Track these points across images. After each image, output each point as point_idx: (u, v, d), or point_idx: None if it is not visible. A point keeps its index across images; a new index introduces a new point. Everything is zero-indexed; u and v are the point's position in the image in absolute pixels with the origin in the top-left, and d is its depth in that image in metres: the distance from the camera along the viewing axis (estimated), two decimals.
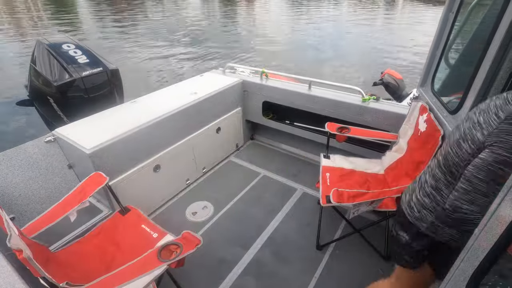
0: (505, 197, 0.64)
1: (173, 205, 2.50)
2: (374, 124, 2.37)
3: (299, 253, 2.06)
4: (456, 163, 0.95)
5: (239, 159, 3.07)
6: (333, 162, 2.20)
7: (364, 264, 1.97)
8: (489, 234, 0.68)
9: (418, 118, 1.78)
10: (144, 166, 2.17)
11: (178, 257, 1.31)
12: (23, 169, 1.95)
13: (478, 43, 1.58)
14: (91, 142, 1.86)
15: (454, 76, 1.92)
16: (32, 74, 3.89)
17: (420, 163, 1.59)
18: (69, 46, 3.78)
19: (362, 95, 2.42)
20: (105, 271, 1.35)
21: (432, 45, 1.79)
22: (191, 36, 11.06)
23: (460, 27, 1.80)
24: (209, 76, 3.03)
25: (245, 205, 2.48)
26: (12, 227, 1.13)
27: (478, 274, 0.73)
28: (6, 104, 5.47)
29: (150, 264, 1.30)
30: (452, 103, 1.65)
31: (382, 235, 2.12)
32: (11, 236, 1.08)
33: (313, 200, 2.52)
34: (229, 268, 1.95)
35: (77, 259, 1.60)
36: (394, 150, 2.06)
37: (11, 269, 0.99)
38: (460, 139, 0.95)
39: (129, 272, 1.28)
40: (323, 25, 13.83)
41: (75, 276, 1.48)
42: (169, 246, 1.38)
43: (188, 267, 1.96)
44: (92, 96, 3.52)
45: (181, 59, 8.44)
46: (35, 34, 10.68)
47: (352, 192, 1.64)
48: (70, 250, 1.64)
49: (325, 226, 2.23)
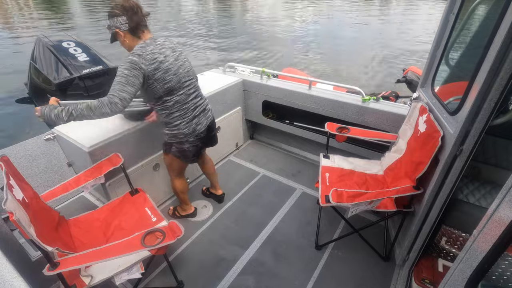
0: (503, 198, 0.64)
1: (173, 204, 2.50)
2: (374, 124, 2.37)
3: (298, 252, 2.06)
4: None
5: (238, 159, 3.07)
6: (333, 162, 2.20)
7: (362, 264, 1.97)
8: (488, 235, 0.68)
9: (418, 119, 1.78)
10: (144, 164, 2.17)
11: (159, 245, 1.35)
12: (22, 166, 1.95)
13: (479, 44, 1.58)
14: (90, 140, 1.85)
15: (454, 77, 1.92)
16: (32, 71, 3.87)
17: (419, 164, 1.59)
18: (69, 43, 3.77)
19: (362, 95, 2.42)
20: (105, 243, 1.42)
21: (432, 46, 1.79)
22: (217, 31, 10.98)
23: (460, 28, 1.80)
24: (209, 75, 3.03)
25: (244, 205, 2.48)
26: (8, 192, 1.18)
27: (477, 275, 0.73)
28: (5, 102, 5.46)
29: (134, 247, 1.34)
30: (452, 104, 1.65)
31: (381, 235, 2.12)
32: (7, 200, 1.11)
33: (313, 200, 2.52)
34: (228, 267, 1.96)
35: (85, 228, 1.72)
36: (393, 150, 2.06)
37: (13, 269, 0.99)
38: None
39: (114, 250, 1.32)
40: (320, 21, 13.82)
41: (78, 243, 1.61)
42: (155, 233, 1.41)
43: (188, 266, 1.97)
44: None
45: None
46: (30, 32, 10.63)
47: (351, 192, 1.64)
48: (81, 220, 1.77)
49: (324, 226, 2.24)
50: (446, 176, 1.41)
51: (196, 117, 1.80)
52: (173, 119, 1.73)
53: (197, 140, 1.86)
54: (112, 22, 1.54)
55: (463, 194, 1.75)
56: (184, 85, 1.71)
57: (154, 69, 1.54)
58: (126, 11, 1.51)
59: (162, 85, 1.60)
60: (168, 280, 1.84)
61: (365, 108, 2.37)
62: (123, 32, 1.56)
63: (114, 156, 1.89)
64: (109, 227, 1.73)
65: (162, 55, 1.58)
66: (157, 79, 1.56)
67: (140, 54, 1.50)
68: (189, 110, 1.76)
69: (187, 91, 1.73)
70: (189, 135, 1.80)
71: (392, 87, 5.84)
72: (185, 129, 1.77)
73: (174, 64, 1.63)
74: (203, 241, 2.16)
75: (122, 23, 1.52)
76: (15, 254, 1.57)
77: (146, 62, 1.50)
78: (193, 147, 1.87)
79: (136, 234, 1.40)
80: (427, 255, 1.77)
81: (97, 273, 1.41)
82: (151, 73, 1.53)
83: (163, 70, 1.57)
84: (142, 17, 1.57)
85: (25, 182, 1.51)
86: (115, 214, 1.82)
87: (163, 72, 1.57)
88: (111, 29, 1.56)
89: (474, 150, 1.26)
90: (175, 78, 1.63)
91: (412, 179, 1.65)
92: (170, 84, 1.62)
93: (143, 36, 1.60)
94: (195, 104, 1.80)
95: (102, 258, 1.28)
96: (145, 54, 1.51)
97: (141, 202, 1.87)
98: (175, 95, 1.68)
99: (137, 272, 1.46)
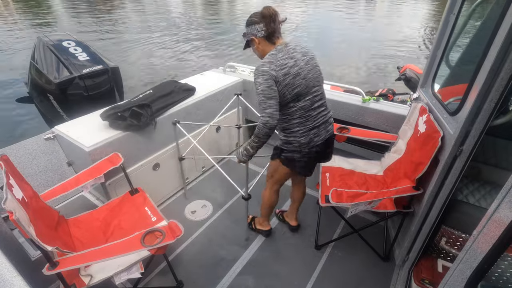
0: (503, 199, 0.64)
1: (172, 203, 2.50)
2: (374, 124, 2.37)
3: (298, 252, 2.06)
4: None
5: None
6: (333, 162, 2.20)
7: (362, 264, 1.97)
8: (488, 236, 0.68)
9: (418, 119, 1.78)
10: (144, 164, 2.17)
11: (158, 245, 1.35)
12: (22, 166, 1.94)
13: (479, 44, 1.57)
14: (90, 139, 1.85)
15: (455, 77, 1.92)
16: (32, 71, 3.87)
17: (419, 164, 1.59)
18: (69, 43, 3.77)
19: (362, 95, 2.42)
20: (105, 243, 1.42)
21: (433, 46, 1.79)
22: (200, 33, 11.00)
23: (460, 28, 1.80)
24: (210, 75, 3.03)
25: (244, 204, 2.48)
26: (8, 191, 1.18)
27: (477, 275, 0.73)
28: (5, 101, 5.46)
29: (133, 246, 1.34)
30: (452, 104, 1.65)
31: (380, 235, 2.12)
32: (7, 199, 1.12)
33: (312, 200, 2.52)
34: (228, 267, 1.96)
35: (85, 228, 1.72)
36: (393, 151, 2.06)
37: (12, 268, 0.99)
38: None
39: (114, 250, 1.32)
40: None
41: (77, 243, 1.60)
42: (155, 233, 1.41)
43: (188, 265, 1.97)
44: (92, 94, 3.51)
45: (185, 58, 8.42)
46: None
47: (351, 193, 1.64)
48: (80, 219, 1.77)
49: (323, 226, 2.24)
50: (446, 176, 1.41)
51: (316, 127, 1.67)
52: (292, 125, 1.64)
53: (311, 153, 1.70)
54: (249, 30, 1.56)
55: (463, 194, 1.75)
56: (312, 90, 1.61)
57: (284, 74, 1.50)
58: (264, 18, 1.51)
59: (292, 90, 1.53)
60: (168, 279, 1.84)
61: (365, 108, 2.37)
62: (258, 38, 1.55)
63: (114, 156, 1.88)
64: (109, 226, 1.73)
65: (292, 60, 1.53)
66: (287, 84, 1.51)
67: (271, 61, 1.50)
68: (311, 118, 1.64)
69: (313, 98, 1.63)
70: (304, 145, 1.66)
71: (389, 85, 5.87)
72: (301, 138, 1.65)
73: (304, 68, 1.56)
74: (203, 241, 2.16)
75: (259, 30, 1.53)
76: (14, 253, 1.57)
77: (277, 68, 1.49)
78: (304, 159, 1.72)
79: (135, 234, 1.40)
80: (427, 255, 1.77)
81: (96, 273, 1.41)
82: (280, 78, 1.50)
83: (293, 75, 1.52)
84: (279, 23, 1.55)
85: (25, 181, 1.51)
86: (114, 213, 1.82)
87: (293, 77, 1.52)
88: (247, 36, 1.58)
89: (474, 150, 1.26)
90: (304, 83, 1.56)
91: (411, 179, 1.65)
92: (299, 88, 1.55)
93: (277, 42, 1.58)
94: (318, 113, 1.67)
95: (101, 258, 1.28)
96: (276, 61, 1.50)
97: (141, 202, 1.87)
98: (301, 101, 1.59)
99: (136, 272, 1.47)
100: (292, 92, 1.54)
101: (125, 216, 1.80)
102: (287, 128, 1.67)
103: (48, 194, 1.67)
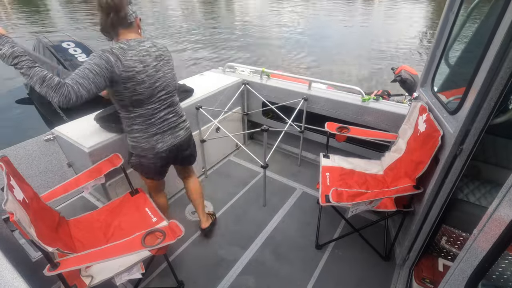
0: (504, 198, 0.64)
1: (173, 204, 2.50)
2: (374, 124, 2.37)
3: (298, 252, 2.06)
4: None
5: (238, 159, 3.07)
6: (333, 162, 2.20)
7: (363, 263, 1.97)
8: (488, 234, 0.68)
9: (418, 118, 1.78)
10: None
11: (159, 245, 1.34)
12: (22, 167, 1.94)
13: (479, 43, 1.57)
14: (90, 140, 1.85)
15: (454, 76, 1.92)
16: None
17: (419, 163, 1.59)
18: (69, 44, 3.77)
19: (362, 95, 2.42)
20: (105, 244, 1.41)
21: (432, 45, 1.79)
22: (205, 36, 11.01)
23: (460, 27, 1.80)
24: (209, 75, 3.03)
25: (244, 205, 2.48)
26: (9, 192, 1.17)
27: (477, 274, 0.73)
28: (5, 102, 5.46)
29: (134, 247, 1.34)
30: (452, 103, 1.65)
31: (381, 235, 2.12)
32: (8, 200, 1.11)
33: (313, 199, 2.52)
34: (229, 267, 1.96)
35: (85, 229, 1.72)
36: (393, 150, 2.06)
37: (13, 270, 0.99)
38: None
39: (115, 250, 1.32)
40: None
41: (78, 244, 1.60)
42: (156, 233, 1.41)
43: (188, 265, 1.97)
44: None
45: (184, 58, 8.42)
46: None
47: (351, 192, 1.64)
48: (81, 220, 1.77)
49: (324, 226, 2.24)
50: (446, 175, 1.41)
51: (159, 133, 1.62)
52: (133, 130, 1.58)
53: (156, 159, 1.66)
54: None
55: (463, 193, 1.75)
56: (156, 99, 1.55)
57: (128, 78, 1.40)
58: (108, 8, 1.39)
59: (131, 96, 1.45)
60: (169, 280, 1.84)
61: (365, 108, 2.37)
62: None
63: (114, 157, 1.88)
64: (109, 227, 1.73)
65: (141, 64, 1.43)
66: (127, 87, 1.42)
67: (119, 56, 1.36)
68: (153, 125, 1.59)
69: (157, 105, 1.56)
70: (147, 150, 1.62)
71: (383, 86, 5.87)
72: (143, 144, 1.60)
73: (152, 76, 1.48)
74: (203, 241, 2.16)
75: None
76: (15, 254, 1.57)
77: (121, 67, 1.36)
78: (153, 165, 1.69)
79: (136, 234, 1.40)
80: (427, 254, 1.77)
81: (97, 274, 1.41)
82: (120, 80, 1.38)
83: (137, 82, 1.43)
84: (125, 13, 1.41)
85: (25, 182, 1.51)
86: (115, 214, 1.82)
87: (136, 83, 1.43)
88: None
89: (474, 149, 1.26)
90: (147, 92, 1.48)
91: (412, 178, 1.65)
92: (140, 97, 1.47)
93: (123, 36, 1.46)
94: (164, 120, 1.62)
95: (102, 259, 1.28)
96: (124, 59, 1.37)
97: (141, 203, 1.87)
98: (142, 108, 1.52)
99: (137, 272, 1.46)
100: (132, 98, 1.46)
101: (126, 216, 1.80)
102: (129, 132, 1.61)
103: (48, 195, 1.67)
